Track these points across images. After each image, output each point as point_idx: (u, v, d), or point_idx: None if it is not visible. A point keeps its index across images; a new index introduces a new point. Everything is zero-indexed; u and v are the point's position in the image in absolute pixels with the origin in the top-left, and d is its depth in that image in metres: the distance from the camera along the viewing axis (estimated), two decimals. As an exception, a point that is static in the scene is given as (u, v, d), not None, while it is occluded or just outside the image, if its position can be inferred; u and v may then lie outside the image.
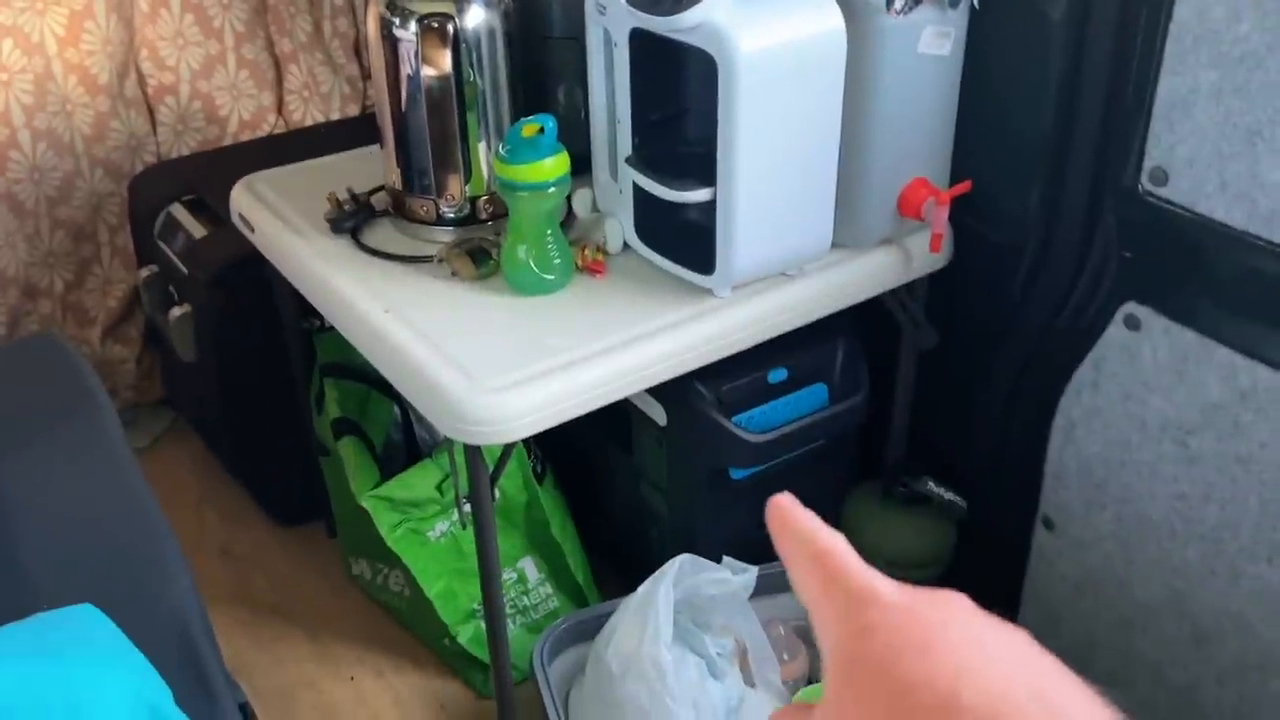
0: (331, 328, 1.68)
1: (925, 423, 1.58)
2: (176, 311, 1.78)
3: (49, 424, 1.02)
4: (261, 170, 1.59)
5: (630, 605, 1.31)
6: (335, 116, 2.19)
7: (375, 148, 1.56)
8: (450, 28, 1.27)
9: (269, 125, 2.14)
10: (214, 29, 2.03)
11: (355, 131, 2.08)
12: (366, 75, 2.25)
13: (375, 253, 1.36)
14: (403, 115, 1.34)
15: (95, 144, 1.98)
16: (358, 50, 2.21)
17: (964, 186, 1.30)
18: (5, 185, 1.90)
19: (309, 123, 2.17)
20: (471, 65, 1.30)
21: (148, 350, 2.11)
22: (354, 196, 1.42)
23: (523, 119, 1.22)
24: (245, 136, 2.12)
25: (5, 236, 1.93)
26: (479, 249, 1.33)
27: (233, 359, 1.78)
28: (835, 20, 1.14)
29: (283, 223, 1.44)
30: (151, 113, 2.05)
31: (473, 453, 1.17)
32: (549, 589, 1.62)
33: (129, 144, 2.02)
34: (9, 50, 1.83)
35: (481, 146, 1.35)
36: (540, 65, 1.44)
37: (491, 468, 1.19)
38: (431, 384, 1.14)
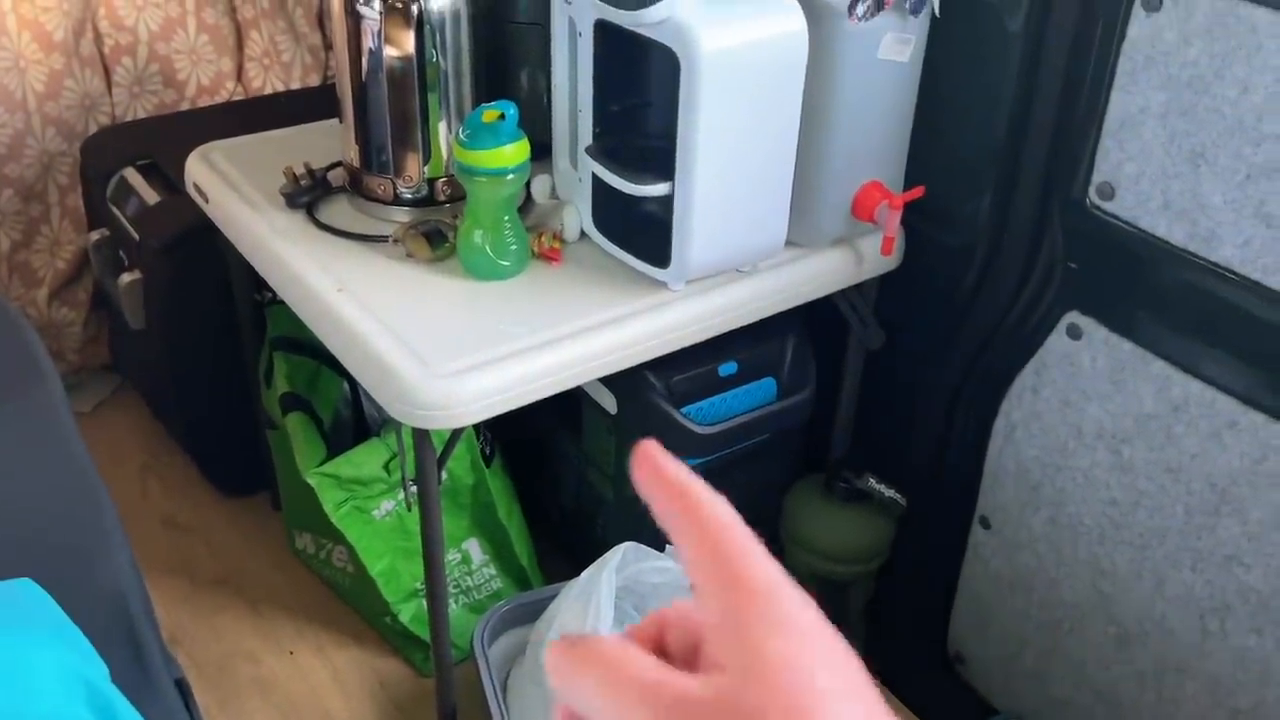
0: (283, 301, 1.69)
1: (869, 419, 1.60)
2: (126, 278, 1.76)
3: (6, 392, 1.01)
4: (218, 138, 1.58)
5: (573, 590, 1.32)
6: (295, 86, 2.16)
7: (332, 121, 1.56)
8: (415, 8, 1.27)
9: (228, 91, 2.11)
10: (174, -9, 2.00)
11: (315, 102, 2.06)
12: (328, 45, 2.22)
13: (330, 230, 1.35)
14: (363, 93, 1.33)
15: (48, 102, 1.94)
16: (321, 20, 2.19)
17: (917, 192, 1.32)
18: (-48, 141, 1.87)
19: (268, 91, 2.14)
20: (435, 46, 1.29)
21: (95, 314, 2.08)
22: (311, 172, 1.41)
23: (484, 104, 1.22)
24: (203, 102, 2.09)
25: (-50, 193, 1.89)
26: (435, 231, 1.33)
27: (182, 328, 1.77)
28: (798, 23, 1.15)
29: (237, 195, 1.43)
30: (108, 73, 2.01)
31: (421, 436, 1.18)
32: (493, 570, 1.63)
33: (83, 104, 1.99)
34: (-40, 3, 1.79)
35: (442, 128, 1.35)
36: (504, 49, 1.43)
37: (439, 451, 1.20)
38: (382, 366, 1.14)
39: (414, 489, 1.22)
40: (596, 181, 1.28)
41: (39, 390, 1.04)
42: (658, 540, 1.36)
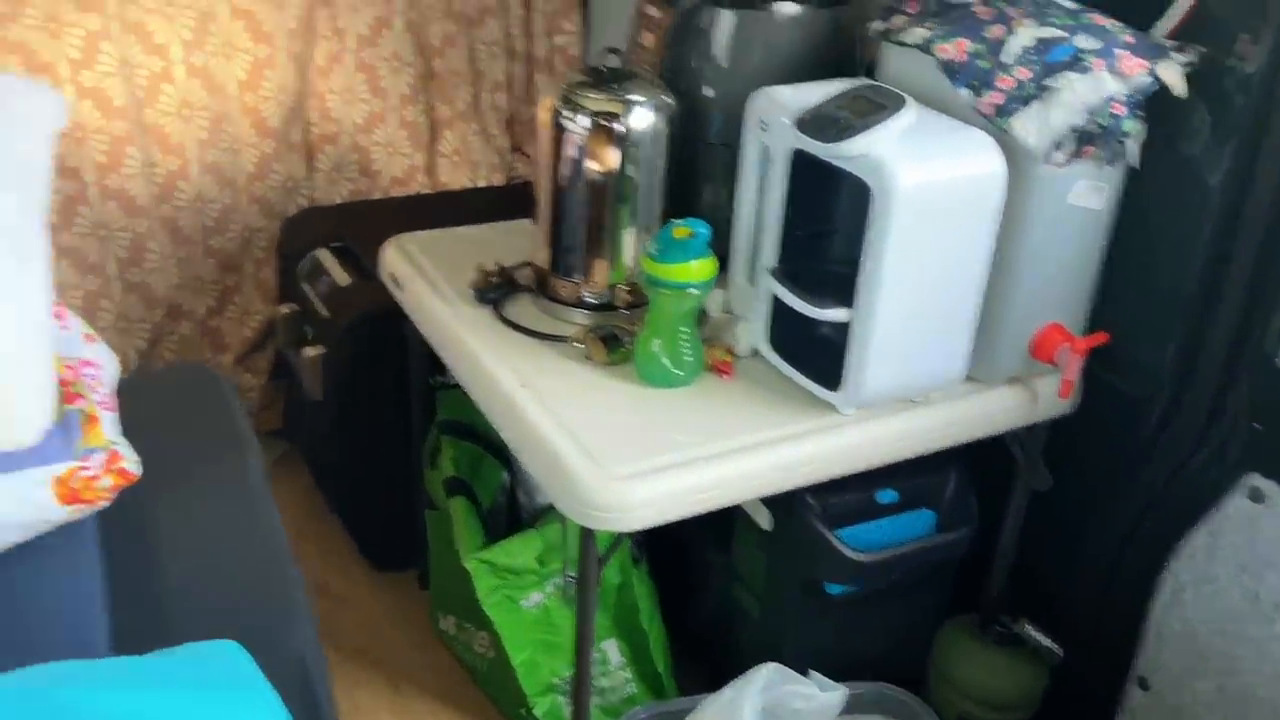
0: (454, 386, 1.75)
1: (1028, 561, 1.56)
2: (310, 351, 1.86)
3: (202, 456, 1.08)
4: (406, 227, 1.66)
5: (713, 706, 1.31)
6: (481, 183, 2.28)
7: (521, 222, 1.64)
8: (618, 127, 1.33)
9: (418, 184, 2.24)
10: (381, 89, 2.14)
11: (498, 200, 2.17)
12: (514, 148, 2.34)
13: (515, 327, 1.41)
14: (560, 200, 1.40)
15: (256, 182, 2.09)
16: (510, 125, 2.31)
17: (1100, 338, 1.30)
18: (171, 211, 2.02)
19: (455, 186, 2.26)
20: (632, 162, 1.35)
21: (272, 381, 2.19)
22: (501, 270, 1.48)
23: (676, 220, 1.27)
24: (395, 192, 2.22)
25: (161, 259, 2.04)
26: (613, 335, 1.37)
27: (356, 403, 1.85)
28: (995, 163, 1.17)
29: (430, 286, 1.51)
30: (311, 159, 2.16)
31: (588, 535, 1.21)
32: (629, 674, 1.63)
33: (285, 185, 2.13)
34: (196, 90, 1.96)
35: (628, 238, 1.40)
36: (692, 166, 1.49)
37: (603, 551, 1.22)
38: (560, 464, 1.17)
39: (573, 583, 1.24)
40: (775, 301, 1.31)
41: (243, 460, 1.11)
42: (799, 663, 1.35)
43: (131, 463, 0.93)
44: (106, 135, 1.90)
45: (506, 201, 2.10)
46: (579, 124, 1.34)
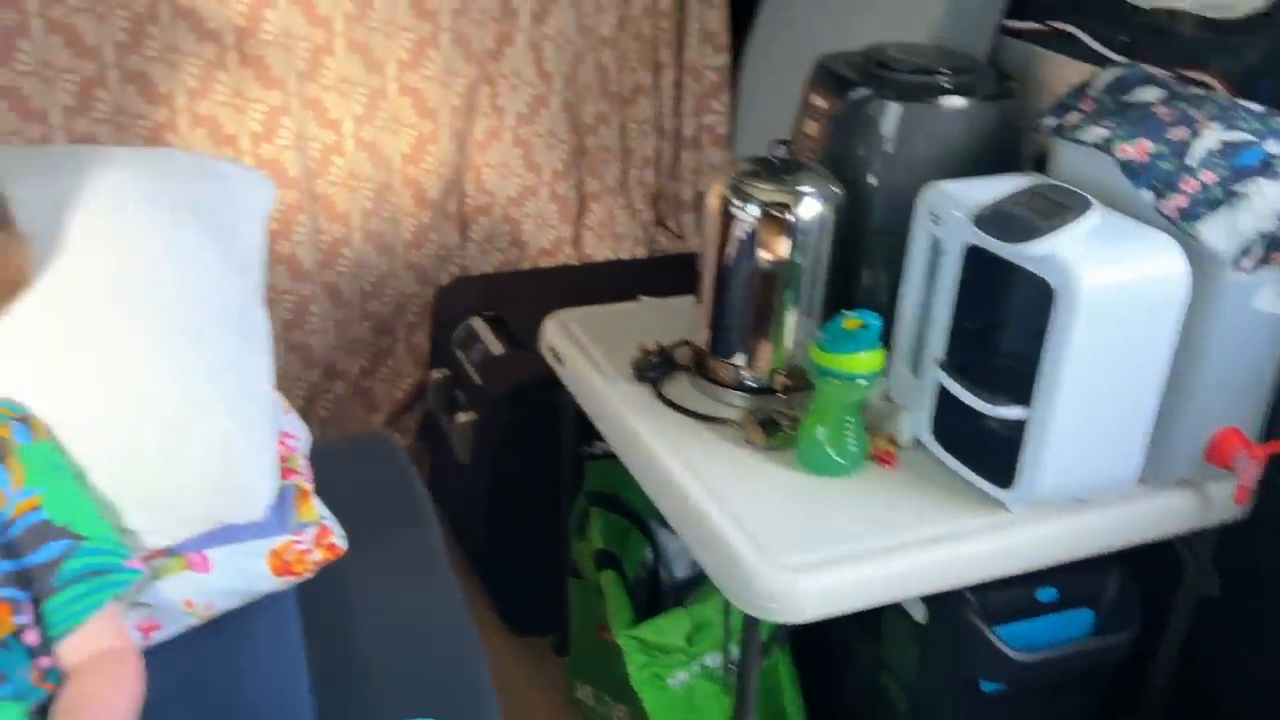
0: (603, 456, 1.78)
1: (1192, 669, 1.51)
2: (462, 417, 1.91)
3: (385, 526, 1.12)
4: (555, 297, 1.71)
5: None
6: (624, 255, 2.33)
7: (676, 299, 1.67)
8: (787, 216, 1.36)
9: (564, 255, 2.30)
10: (535, 164, 2.21)
11: (641, 273, 2.22)
12: (658, 222, 2.39)
13: (675, 407, 1.44)
14: (724, 284, 1.42)
15: (413, 250, 2.18)
16: (654, 199, 2.36)
17: (1281, 445, 1.27)
18: (333, 276, 2.11)
19: (599, 258, 2.32)
20: (798, 250, 1.37)
21: (419, 443, 2.26)
22: (661, 349, 1.51)
23: (846, 312, 1.28)
24: (542, 262, 2.29)
25: (321, 321, 2.13)
26: (772, 420, 1.38)
27: (505, 469, 1.89)
28: (1179, 266, 1.15)
29: (589, 362, 1.54)
30: (464, 229, 2.24)
31: (751, 623, 1.21)
32: (769, 757, 1.61)
33: (440, 254, 2.22)
34: (363, 162, 2.06)
35: (791, 323, 1.42)
36: (853, 252, 1.50)
37: (765, 639, 1.22)
38: (725, 550, 1.19)
39: (733, 670, 1.24)
40: (941, 392, 1.31)
41: (424, 531, 1.14)
42: (950, 760, 1.32)
43: (339, 538, 0.97)
44: (280, 204, 2.00)
45: (649, 274, 2.15)
46: (748, 212, 1.37)
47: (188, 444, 0.86)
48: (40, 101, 1.80)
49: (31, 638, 0.82)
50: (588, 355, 1.56)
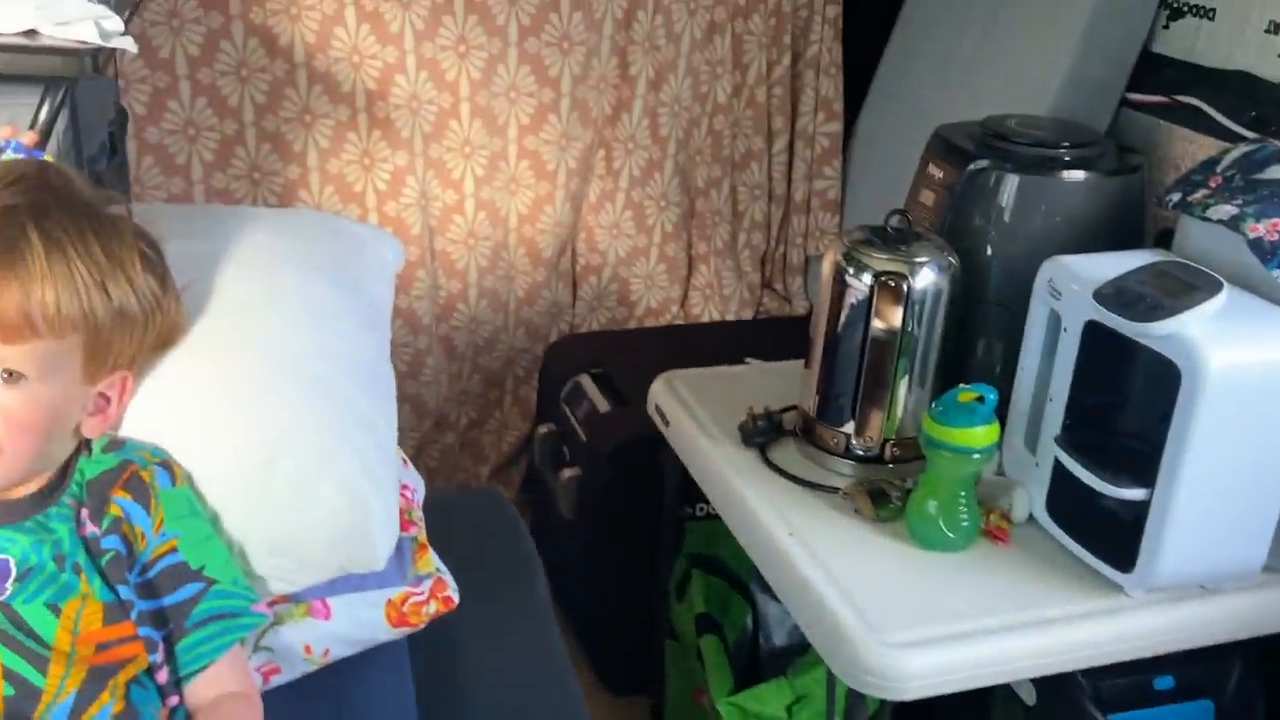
0: (705, 518, 1.78)
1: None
2: (567, 473, 1.93)
3: (496, 583, 1.14)
4: (662, 357, 1.73)
5: None
6: (730, 317, 2.34)
7: (783, 364, 1.67)
8: (902, 286, 1.35)
9: (671, 314, 2.32)
10: (646, 226, 2.25)
11: (747, 334, 2.23)
12: (765, 284, 2.40)
13: (782, 473, 1.43)
14: (835, 352, 1.42)
15: (525, 307, 2.23)
16: (762, 261, 2.38)
17: None
18: (448, 330, 2.17)
19: (705, 318, 2.33)
20: (912, 320, 1.37)
21: (521, 495, 2.29)
22: (768, 413, 1.51)
23: (962, 384, 1.27)
24: (649, 321, 2.31)
25: (434, 373, 2.19)
26: (880, 491, 1.37)
27: (607, 527, 1.91)
28: (1312, 350, 1.12)
29: (696, 424, 1.55)
30: (575, 287, 2.28)
31: (856, 699, 1.19)
32: (867, 836, 1.57)
33: (550, 311, 2.26)
34: (482, 221, 2.12)
35: (902, 393, 1.41)
36: (967, 323, 1.49)
37: (870, 714, 1.20)
38: (833, 623, 1.17)
39: (834, 746, 1.22)
40: (1057, 469, 1.28)
41: (532, 587, 1.16)
42: None
43: (453, 591, 0.99)
44: (402, 260, 2.07)
45: (755, 336, 2.16)
46: (862, 281, 1.37)
47: (317, 493, 0.89)
48: (183, 158, 1.91)
49: (163, 676, 0.86)
50: (694, 417, 1.57)
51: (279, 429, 0.90)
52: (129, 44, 1.20)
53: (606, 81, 2.12)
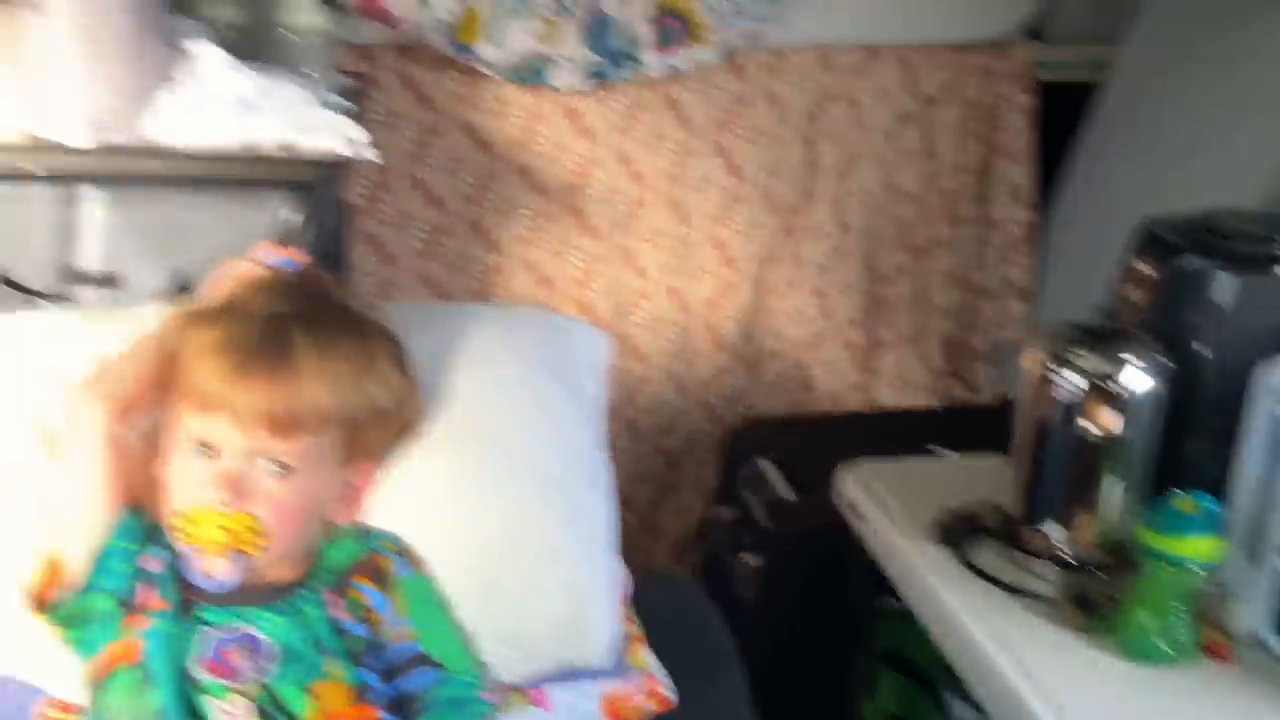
0: (895, 614, 1.75)
1: None
2: (749, 560, 1.93)
3: (694, 677, 1.14)
4: (844, 443, 1.72)
5: None
6: (915, 404, 2.31)
7: (978, 457, 1.63)
8: (1110, 386, 1.32)
9: (852, 401, 2.31)
10: (830, 311, 2.26)
11: (931, 423, 2.19)
12: (950, 372, 2.37)
13: (981, 575, 1.40)
14: (1041, 452, 1.39)
15: (707, 391, 2.26)
16: (948, 349, 2.34)
17: None
18: (632, 412, 2.22)
19: (889, 405, 2.31)
20: (1126, 423, 1.33)
21: (697, 578, 2.30)
22: (966, 511, 1.48)
23: (1179, 491, 1.22)
24: (829, 406, 2.30)
25: (618, 453, 2.22)
26: (1088, 598, 1.32)
27: (790, 616, 1.89)
28: None
29: (889, 519, 1.54)
30: (757, 372, 2.30)
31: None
32: None
33: (731, 395, 2.28)
34: (667, 307, 2.17)
35: (1111, 497, 1.36)
36: (1180, 424, 1.43)
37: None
38: (1042, 737, 1.14)
39: None
40: (1284, 585, 1.21)
41: (730, 685, 1.16)
42: None
43: (668, 689, 1.01)
44: (611, 355, 2.14)
45: (940, 425, 2.12)
46: (1071, 381, 1.34)
47: (544, 586, 0.93)
48: (394, 247, 2.03)
49: (399, 756, 0.90)
50: (887, 511, 1.56)
51: (509, 524, 0.94)
52: (373, 154, 1.30)
53: (794, 172, 2.15)
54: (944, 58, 2.17)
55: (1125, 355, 1.34)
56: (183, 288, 1.21)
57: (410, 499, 0.96)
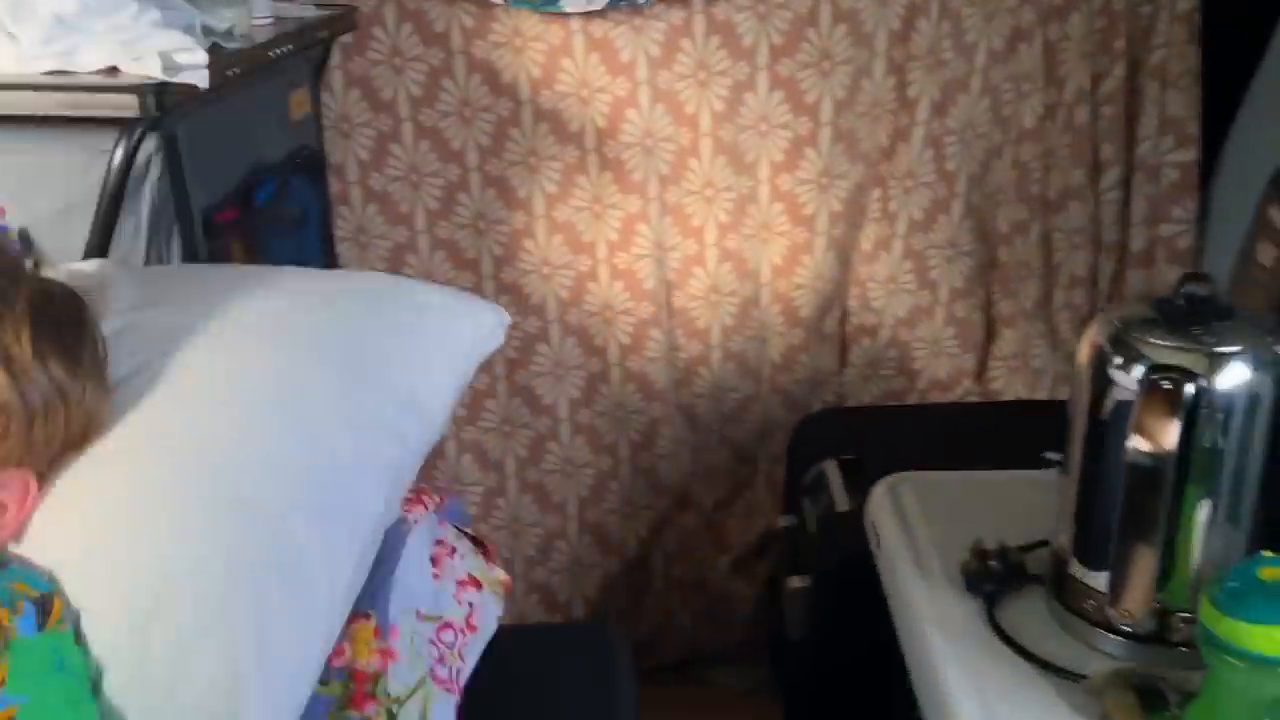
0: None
1: None
2: (796, 582, 1.60)
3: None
4: (937, 442, 1.45)
5: None
6: (1041, 395, 1.90)
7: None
8: (1191, 389, 0.91)
9: (963, 389, 1.92)
10: (930, 280, 1.88)
11: (1053, 423, 1.77)
12: (1092, 355, 1.92)
13: (1007, 640, 1.02)
14: (1094, 476, 1.00)
15: (780, 373, 1.93)
16: (1082, 327, 1.90)
17: None
18: (689, 398, 1.93)
19: (1009, 396, 1.91)
20: (1209, 440, 0.92)
21: (754, 601, 1.98)
22: (1004, 551, 1.10)
23: (1268, 554, 0.81)
24: (934, 396, 1.93)
25: (672, 445, 1.94)
26: (1153, 689, 0.92)
27: (835, 651, 1.55)
28: None
29: (911, 551, 1.17)
30: (843, 353, 1.94)
31: None
32: None
33: (812, 379, 1.94)
34: (726, 274, 1.85)
35: (1196, 550, 0.95)
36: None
37: None
38: None
39: None
40: None
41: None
42: None
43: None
44: (633, 318, 1.86)
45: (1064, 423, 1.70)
46: (1131, 377, 0.94)
47: (190, 666, 0.67)
48: (406, 205, 1.81)
49: None
50: (910, 539, 1.19)
51: (168, 569, 0.69)
52: (200, 78, 1.06)
53: (880, 107, 1.77)
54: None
55: (1216, 342, 0.92)
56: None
57: (65, 530, 0.72)
